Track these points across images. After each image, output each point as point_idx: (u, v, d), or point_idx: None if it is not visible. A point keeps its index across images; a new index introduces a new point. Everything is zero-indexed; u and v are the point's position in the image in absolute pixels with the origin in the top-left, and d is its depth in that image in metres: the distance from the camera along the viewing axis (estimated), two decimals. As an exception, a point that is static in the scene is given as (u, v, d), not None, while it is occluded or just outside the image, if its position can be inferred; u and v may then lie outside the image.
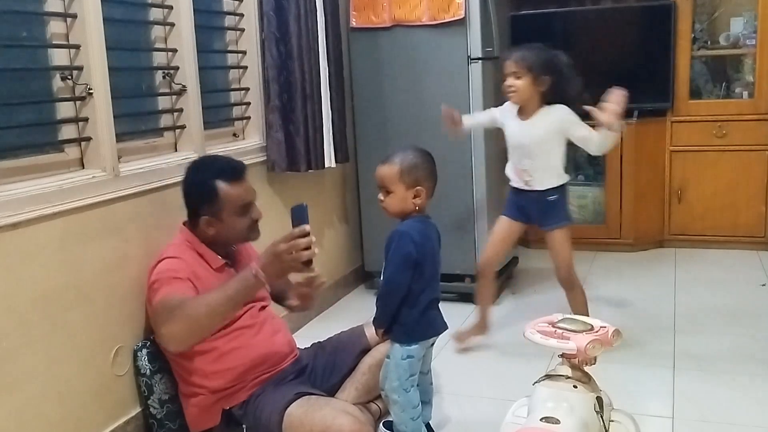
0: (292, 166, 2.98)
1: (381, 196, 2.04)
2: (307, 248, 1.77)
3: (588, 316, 2.66)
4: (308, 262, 1.79)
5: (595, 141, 2.55)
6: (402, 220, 2.04)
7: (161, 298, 1.93)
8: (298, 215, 1.80)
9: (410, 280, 1.99)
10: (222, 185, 2.06)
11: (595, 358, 1.80)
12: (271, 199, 3.03)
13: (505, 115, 2.75)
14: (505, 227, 2.82)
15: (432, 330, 2.08)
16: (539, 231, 2.78)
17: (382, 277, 2.05)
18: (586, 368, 1.82)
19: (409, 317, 2.01)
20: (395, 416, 2.06)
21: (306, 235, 1.77)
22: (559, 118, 2.60)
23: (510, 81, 2.60)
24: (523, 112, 2.66)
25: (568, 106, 2.61)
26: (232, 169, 2.10)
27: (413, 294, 2.00)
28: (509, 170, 2.76)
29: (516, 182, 2.74)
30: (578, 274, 3.78)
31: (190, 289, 1.95)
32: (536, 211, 2.72)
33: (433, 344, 2.15)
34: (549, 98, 2.62)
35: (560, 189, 2.70)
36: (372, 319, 2.12)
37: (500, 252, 2.90)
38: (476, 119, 2.94)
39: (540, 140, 2.61)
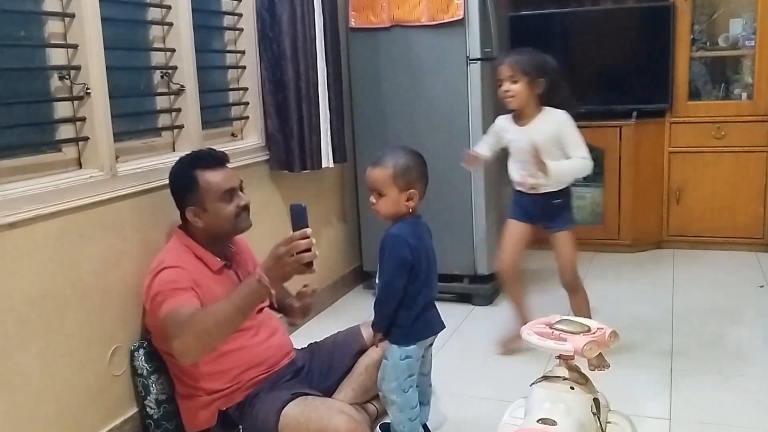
0: (286, 166, 2.98)
1: (373, 199, 2.03)
2: (308, 250, 1.76)
3: (590, 318, 2.67)
4: (309, 264, 1.78)
5: (574, 165, 2.57)
6: (394, 222, 2.03)
7: (167, 311, 1.90)
8: (298, 216, 1.79)
9: (406, 283, 1.98)
10: (201, 173, 2.07)
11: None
12: (270, 198, 3.03)
13: (503, 126, 2.72)
14: (515, 230, 2.80)
15: (429, 330, 2.08)
16: (541, 232, 2.77)
17: (377, 280, 2.05)
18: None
19: (406, 319, 2.01)
20: (393, 417, 2.06)
21: (306, 237, 1.76)
22: (558, 121, 2.58)
23: (507, 86, 2.57)
24: (522, 117, 2.63)
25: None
26: (210, 157, 2.12)
27: (410, 296, 2.00)
28: (513, 175, 2.73)
29: (520, 186, 2.72)
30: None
31: (194, 298, 1.94)
32: (541, 214, 2.71)
33: (431, 344, 2.15)
34: (544, 101, 2.61)
35: (565, 192, 2.68)
36: (370, 323, 2.12)
37: (516, 254, 2.85)
38: (486, 144, 2.83)
39: (541, 144, 2.54)
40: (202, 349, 1.90)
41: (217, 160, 2.12)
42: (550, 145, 2.57)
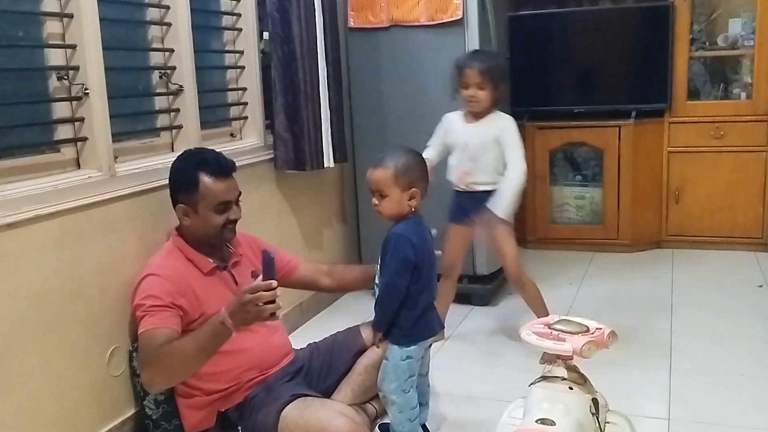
0: (295, 166, 2.99)
1: (375, 201, 2.02)
2: (272, 302, 1.78)
3: (545, 309, 2.76)
4: (272, 314, 1.81)
5: (509, 174, 2.67)
6: (396, 222, 2.03)
7: (142, 334, 1.92)
8: (266, 266, 1.81)
9: (409, 283, 1.98)
10: (204, 178, 2.06)
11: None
12: (270, 198, 3.03)
13: (451, 122, 2.81)
14: (456, 234, 2.87)
15: (430, 330, 2.07)
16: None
17: (377, 280, 2.04)
18: (582, 369, 1.83)
19: (407, 319, 2.01)
20: (393, 417, 2.06)
21: (272, 288, 1.78)
22: (502, 124, 2.71)
23: (473, 91, 2.68)
24: (472, 117, 2.75)
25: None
26: (218, 164, 2.09)
27: (412, 296, 2.00)
28: (452, 174, 2.81)
29: (458, 185, 2.80)
30: (576, 274, 3.83)
31: (172, 318, 1.94)
32: (476, 211, 2.77)
33: (430, 345, 2.15)
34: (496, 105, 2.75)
35: None
36: (371, 323, 2.12)
37: (459, 258, 2.94)
38: (433, 147, 2.87)
39: (483, 143, 2.70)
40: (168, 383, 1.98)
41: (224, 168, 2.10)
42: (493, 145, 2.70)
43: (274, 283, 1.78)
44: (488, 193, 2.72)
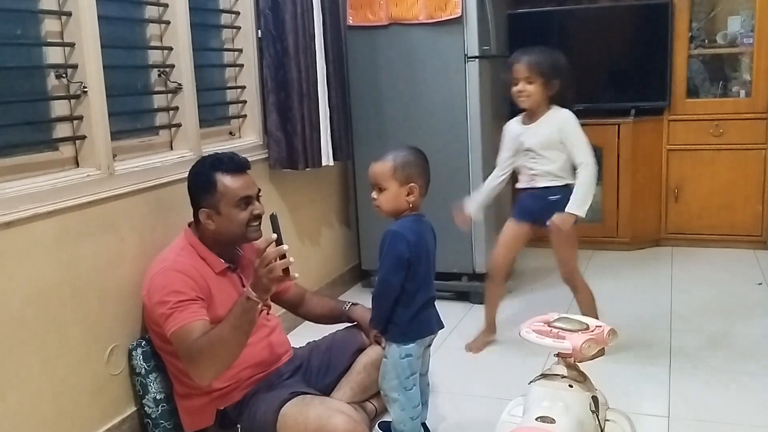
0: (289, 165, 2.99)
1: (374, 195, 2.03)
2: (282, 257, 1.76)
3: (596, 315, 2.68)
4: (286, 271, 1.78)
5: (580, 174, 2.58)
6: (395, 219, 2.03)
7: (176, 331, 1.91)
8: (272, 225, 1.80)
9: (403, 280, 1.98)
10: (220, 176, 2.07)
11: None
12: (269, 196, 3.02)
13: (513, 129, 2.76)
14: (512, 230, 2.82)
15: (427, 329, 2.07)
16: (539, 230, 2.77)
17: (376, 277, 2.04)
18: (582, 367, 1.83)
19: (403, 317, 2.00)
20: (395, 415, 2.05)
21: (277, 246, 1.77)
22: (561, 121, 2.62)
23: (522, 85, 2.61)
24: (530, 116, 2.68)
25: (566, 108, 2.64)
26: (233, 162, 2.11)
27: (408, 294, 2.00)
28: (519, 177, 2.77)
29: (522, 182, 2.75)
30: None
31: (201, 309, 1.94)
32: (539, 208, 2.70)
33: (429, 345, 2.14)
34: (554, 101, 2.64)
35: (563, 189, 2.65)
36: (369, 320, 2.12)
37: (509, 256, 2.90)
38: (504, 158, 2.80)
39: (544, 143, 2.62)
40: (217, 372, 1.93)
41: (239, 165, 2.11)
42: (555, 143, 2.61)
43: (273, 236, 1.77)
44: (550, 189, 2.65)
